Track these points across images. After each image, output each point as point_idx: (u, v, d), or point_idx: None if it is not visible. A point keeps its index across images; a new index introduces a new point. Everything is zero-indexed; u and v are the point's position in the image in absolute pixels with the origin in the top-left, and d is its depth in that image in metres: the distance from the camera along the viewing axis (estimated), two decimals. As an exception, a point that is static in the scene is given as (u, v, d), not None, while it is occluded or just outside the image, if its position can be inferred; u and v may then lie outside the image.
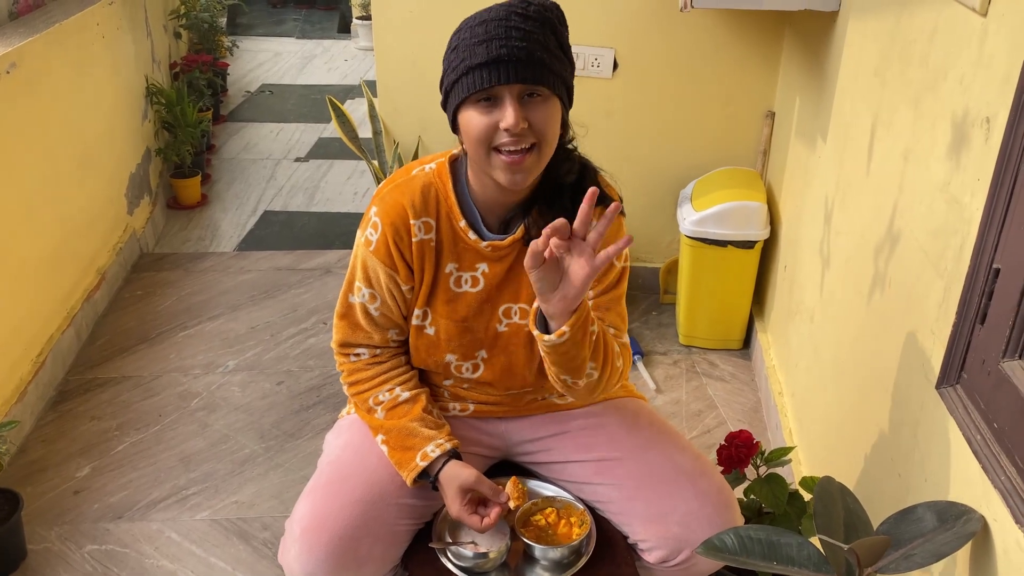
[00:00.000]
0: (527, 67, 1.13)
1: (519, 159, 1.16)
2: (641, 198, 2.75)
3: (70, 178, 2.64)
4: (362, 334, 1.35)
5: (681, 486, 1.31)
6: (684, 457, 1.35)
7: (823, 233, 1.93)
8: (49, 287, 2.48)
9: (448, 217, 1.29)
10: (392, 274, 1.29)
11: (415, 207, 1.27)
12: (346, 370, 1.39)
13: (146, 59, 3.44)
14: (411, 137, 2.79)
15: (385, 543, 1.28)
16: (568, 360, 1.18)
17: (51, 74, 2.50)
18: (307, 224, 3.47)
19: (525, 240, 1.28)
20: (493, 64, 1.13)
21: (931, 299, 1.24)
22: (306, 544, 1.24)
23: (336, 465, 1.34)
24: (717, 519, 1.28)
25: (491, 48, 1.13)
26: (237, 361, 2.56)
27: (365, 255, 1.30)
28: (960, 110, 1.19)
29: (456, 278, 1.31)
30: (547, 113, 1.17)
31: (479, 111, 1.16)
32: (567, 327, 1.13)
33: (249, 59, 5.68)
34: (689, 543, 1.28)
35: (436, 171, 1.30)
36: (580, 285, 1.09)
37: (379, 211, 1.29)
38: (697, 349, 2.64)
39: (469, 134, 1.18)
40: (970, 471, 1.06)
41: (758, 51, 2.56)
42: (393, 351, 1.38)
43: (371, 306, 1.32)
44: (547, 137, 1.18)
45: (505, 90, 1.14)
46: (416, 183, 1.29)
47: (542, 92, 1.16)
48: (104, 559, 1.89)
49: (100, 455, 2.19)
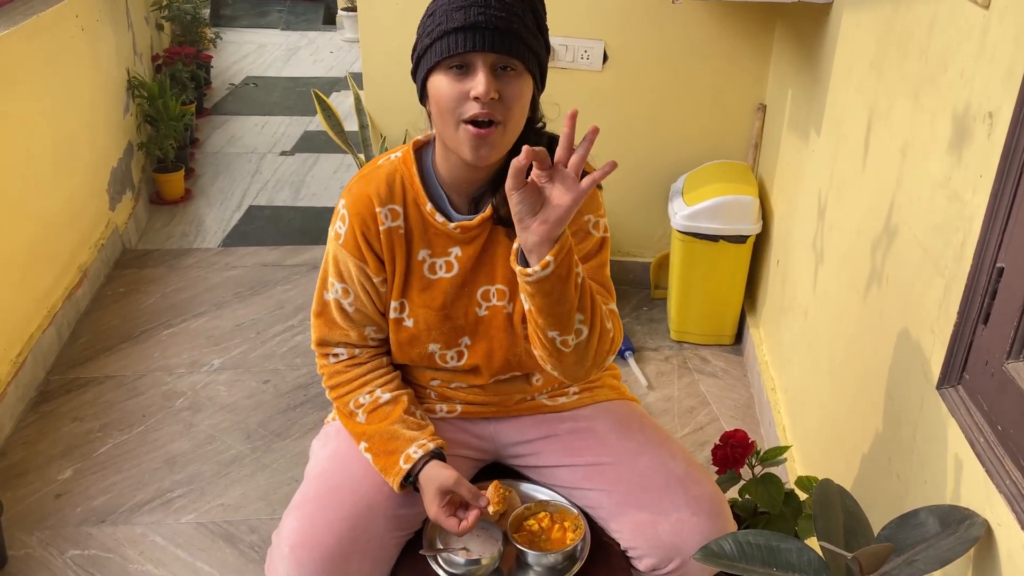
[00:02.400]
0: (504, 37, 1.11)
1: (485, 132, 1.14)
2: (631, 192, 2.72)
3: (50, 173, 2.58)
4: (339, 331, 1.33)
5: (672, 493, 1.28)
6: (676, 463, 1.32)
7: (816, 228, 1.90)
8: (29, 285, 2.42)
9: (415, 202, 1.27)
10: (362, 266, 1.27)
11: (380, 196, 1.26)
12: (326, 373, 1.36)
13: (127, 51, 3.37)
14: (398, 131, 2.75)
15: (374, 558, 1.25)
16: (554, 304, 1.11)
17: (29, 67, 2.44)
18: (293, 219, 3.42)
19: (494, 219, 1.26)
20: (470, 29, 1.11)
21: (931, 297, 1.21)
22: (295, 561, 1.21)
23: (323, 478, 1.31)
24: (708, 528, 1.26)
25: (469, 14, 1.11)
26: (222, 360, 2.52)
27: (335, 249, 1.29)
28: (961, 104, 1.16)
29: (430, 264, 1.29)
30: (519, 88, 1.15)
31: (450, 78, 1.13)
32: (551, 256, 1.06)
33: (233, 51, 5.60)
34: (680, 552, 1.25)
35: (401, 158, 1.29)
36: (564, 211, 1.05)
37: (347, 203, 1.27)
38: (689, 345, 2.62)
39: (438, 102, 1.15)
40: (973, 474, 1.04)
41: (749, 44, 2.53)
42: (373, 351, 1.35)
43: (345, 301, 1.30)
44: (514, 113, 1.15)
45: (479, 58, 1.12)
46: (381, 172, 1.28)
47: (515, 66, 1.14)
48: (87, 564, 1.85)
49: (82, 457, 2.14)
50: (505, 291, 1.30)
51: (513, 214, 1.08)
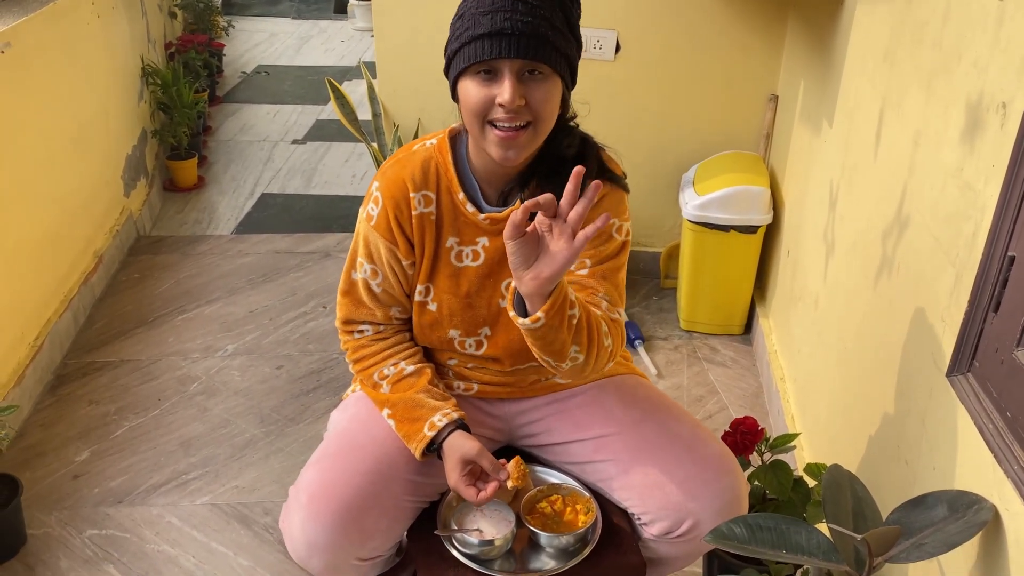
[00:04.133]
0: (529, 43, 1.12)
1: (512, 135, 1.15)
2: (643, 182, 2.73)
3: (65, 160, 2.61)
4: (365, 311, 1.35)
5: (678, 454, 1.30)
6: (681, 426, 1.34)
7: (828, 218, 1.91)
8: (46, 270, 2.45)
9: (448, 190, 1.29)
10: (392, 248, 1.29)
11: (415, 180, 1.28)
12: (351, 347, 1.38)
13: (141, 39, 3.39)
14: (411, 119, 2.77)
15: (391, 517, 1.27)
16: (547, 344, 1.14)
17: (45, 54, 2.46)
18: (305, 207, 3.44)
19: None
20: (496, 36, 1.12)
21: (941, 286, 1.22)
22: (312, 511, 1.23)
23: (345, 436, 1.33)
24: (717, 483, 1.27)
25: (495, 20, 1.11)
26: (236, 345, 2.55)
27: (367, 230, 1.31)
28: (975, 94, 1.17)
29: (457, 252, 1.31)
30: (546, 92, 1.16)
31: (477, 83, 1.15)
32: (541, 313, 1.08)
33: (245, 39, 5.62)
34: (691, 511, 1.26)
35: (437, 146, 1.30)
36: (559, 266, 1.04)
37: (380, 186, 1.29)
38: (698, 334, 2.63)
39: (466, 105, 1.17)
40: (981, 460, 1.05)
41: (762, 34, 2.53)
42: (396, 327, 1.38)
43: (373, 282, 1.32)
44: (543, 116, 1.17)
45: (505, 64, 1.13)
46: (417, 157, 1.29)
47: (543, 70, 1.15)
48: (104, 544, 1.88)
49: (99, 439, 2.17)
50: None
51: (509, 263, 1.07)
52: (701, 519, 1.26)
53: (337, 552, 1.24)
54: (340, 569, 1.27)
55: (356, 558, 1.26)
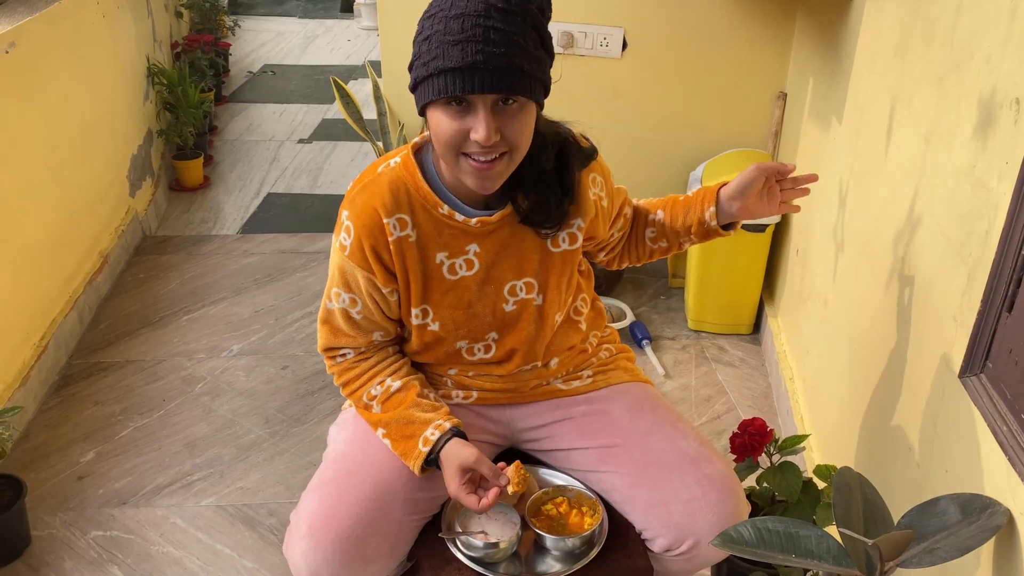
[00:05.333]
0: (505, 75, 1.06)
1: (488, 167, 1.12)
2: (650, 180, 2.71)
3: (71, 159, 2.61)
4: (345, 338, 1.32)
5: (683, 472, 1.28)
6: (687, 443, 1.32)
7: (837, 217, 1.89)
8: (51, 270, 2.45)
9: (424, 208, 1.24)
10: (370, 277, 1.25)
11: (386, 206, 1.22)
12: (335, 372, 1.37)
13: (147, 39, 3.39)
14: (416, 118, 2.75)
15: (392, 541, 1.26)
16: None
17: (50, 54, 2.46)
18: (311, 206, 3.43)
19: (519, 217, 1.25)
20: (468, 71, 1.05)
21: (953, 286, 1.20)
22: (313, 541, 1.22)
23: (342, 461, 1.32)
24: (720, 506, 1.26)
25: (467, 52, 1.04)
26: (241, 345, 2.54)
27: (341, 260, 1.26)
28: (987, 91, 1.15)
29: (449, 266, 1.27)
30: (522, 122, 1.12)
31: (449, 116, 1.09)
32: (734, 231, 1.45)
33: (251, 39, 5.62)
34: (692, 532, 1.25)
35: (402, 164, 1.25)
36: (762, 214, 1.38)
37: (351, 215, 1.24)
38: (706, 334, 2.61)
39: (438, 137, 1.12)
40: (994, 463, 1.03)
41: (770, 31, 2.51)
42: (378, 347, 1.36)
43: (352, 310, 1.29)
44: (519, 145, 1.13)
45: (479, 99, 1.08)
46: (383, 181, 1.24)
47: (518, 99, 1.10)
48: (109, 545, 1.88)
49: (104, 440, 2.17)
50: (534, 284, 1.30)
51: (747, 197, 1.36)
52: (702, 539, 1.25)
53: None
54: None
55: None
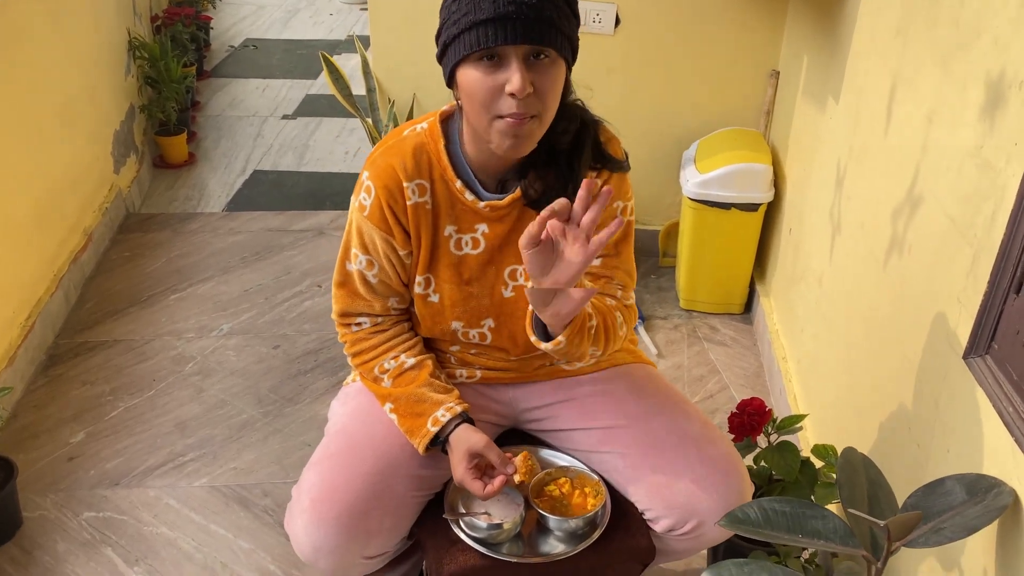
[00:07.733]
0: (536, 26, 1.07)
1: (519, 123, 1.11)
2: (642, 159, 2.69)
3: (52, 135, 2.55)
4: (362, 303, 1.32)
5: (687, 453, 1.29)
6: (691, 424, 1.33)
7: (834, 197, 1.89)
8: (35, 248, 2.40)
9: (442, 179, 1.25)
10: (388, 239, 1.25)
11: (407, 170, 1.23)
12: (348, 340, 1.35)
13: (127, 11, 3.31)
14: (406, 94, 2.72)
15: (395, 516, 1.26)
16: (568, 355, 1.21)
17: (29, 27, 2.39)
18: (297, 184, 3.39)
19: (524, 201, 1.25)
20: (500, 21, 1.06)
21: (958, 267, 1.21)
22: (315, 516, 1.21)
23: (344, 435, 1.31)
24: (724, 486, 1.27)
25: (499, 3, 1.06)
26: (231, 324, 2.51)
27: (360, 220, 1.26)
28: (995, 71, 1.14)
29: (456, 240, 1.27)
30: (553, 77, 1.12)
31: (482, 71, 1.10)
32: (563, 336, 1.14)
33: (232, 12, 5.51)
34: (696, 512, 1.26)
35: (428, 131, 1.25)
36: (575, 272, 1.07)
37: (371, 175, 1.24)
38: (698, 313, 2.61)
39: (472, 96, 1.12)
40: (999, 443, 1.04)
41: (763, 8, 2.49)
42: (395, 319, 1.35)
43: (369, 273, 1.29)
44: (549, 104, 1.13)
45: (511, 50, 1.08)
46: (407, 144, 1.24)
47: (549, 54, 1.10)
48: (102, 526, 1.86)
49: (94, 420, 2.14)
50: None
51: (528, 270, 1.09)
52: (706, 519, 1.26)
53: (343, 554, 1.23)
54: (348, 568, 1.26)
55: (363, 556, 1.25)
